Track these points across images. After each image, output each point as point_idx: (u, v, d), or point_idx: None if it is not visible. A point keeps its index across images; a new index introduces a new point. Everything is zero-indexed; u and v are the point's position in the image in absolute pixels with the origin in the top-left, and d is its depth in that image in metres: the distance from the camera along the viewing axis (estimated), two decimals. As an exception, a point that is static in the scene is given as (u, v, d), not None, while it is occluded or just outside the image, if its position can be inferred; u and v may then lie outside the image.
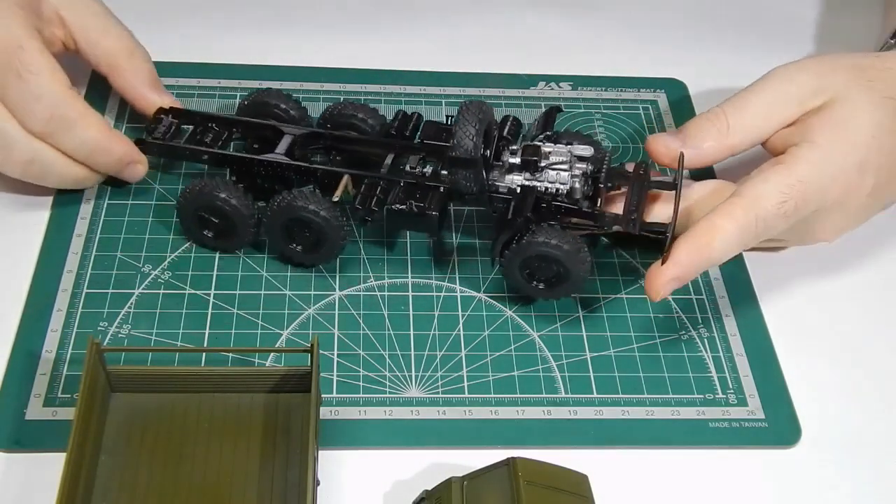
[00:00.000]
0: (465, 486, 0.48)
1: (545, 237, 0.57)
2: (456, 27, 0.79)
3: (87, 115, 0.60)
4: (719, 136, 0.61)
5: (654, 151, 0.62)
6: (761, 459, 0.55)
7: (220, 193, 0.59)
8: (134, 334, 0.57)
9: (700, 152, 0.61)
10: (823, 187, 0.58)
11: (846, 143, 0.58)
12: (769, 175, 0.57)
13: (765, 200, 0.57)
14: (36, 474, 0.51)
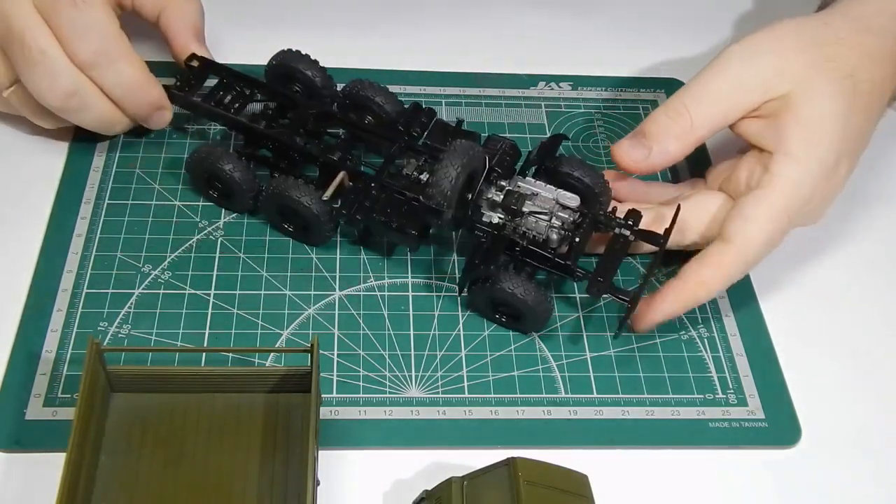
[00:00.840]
0: (465, 486, 0.48)
1: (510, 285, 0.57)
2: (456, 27, 0.79)
3: (130, 54, 0.62)
4: (684, 135, 0.60)
5: (621, 164, 0.61)
6: (761, 459, 0.55)
7: (223, 164, 0.61)
8: (134, 334, 0.57)
9: (667, 156, 0.60)
10: (807, 201, 0.58)
11: (822, 149, 0.58)
12: (753, 212, 0.57)
13: (754, 243, 0.57)
14: (36, 474, 0.51)
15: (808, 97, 0.58)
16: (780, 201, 0.57)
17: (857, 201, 0.69)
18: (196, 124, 0.69)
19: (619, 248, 0.58)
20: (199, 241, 0.62)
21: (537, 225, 0.58)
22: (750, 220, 0.57)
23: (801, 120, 0.58)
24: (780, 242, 0.59)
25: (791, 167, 0.57)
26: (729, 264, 0.57)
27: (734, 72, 0.60)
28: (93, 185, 0.65)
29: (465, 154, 0.56)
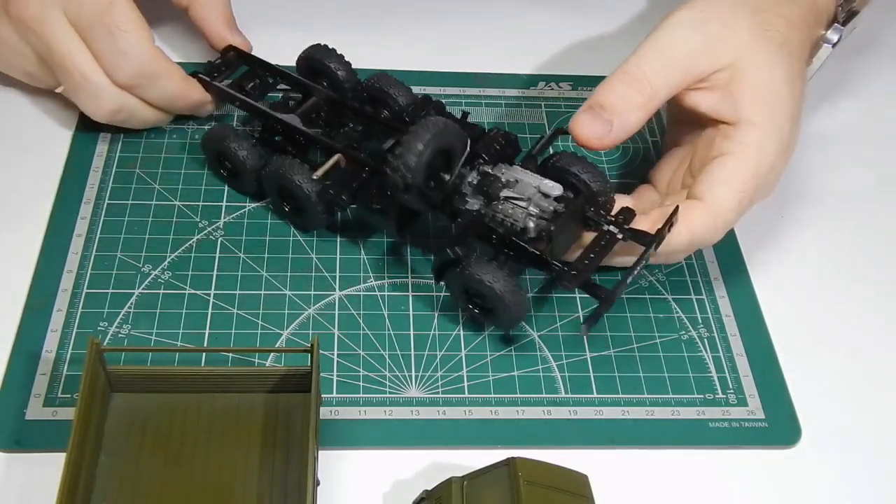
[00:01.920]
0: (465, 486, 0.48)
1: (479, 272, 0.55)
2: (456, 27, 0.79)
3: (169, 70, 0.64)
4: (645, 105, 0.57)
5: (582, 141, 0.57)
6: (761, 459, 0.55)
7: (229, 143, 0.63)
8: (134, 334, 0.57)
9: (628, 129, 0.57)
10: (770, 167, 0.58)
11: (779, 114, 0.58)
12: (724, 175, 0.57)
13: (724, 204, 0.56)
14: (36, 474, 0.51)
15: (755, 65, 0.58)
16: (749, 166, 0.57)
17: (857, 201, 0.69)
18: (196, 124, 0.69)
19: (604, 245, 0.56)
20: (199, 241, 0.62)
21: (514, 212, 0.56)
22: (721, 182, 0.56)
23: (754, 88, 0.57)
24: (746, 211, 0.58)
25: (754, 133, 0.57)
26: (697, 221, 0.56)
27: (685, 37, 0.58)
28: (93, 185, 0.65)
29: (436, 128, 0.55)
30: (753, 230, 0.66)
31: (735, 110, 0.58)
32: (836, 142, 0.73)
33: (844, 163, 0.72)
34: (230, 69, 0.68)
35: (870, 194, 0.70)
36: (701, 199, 0.57)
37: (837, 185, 0.70)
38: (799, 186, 0.70)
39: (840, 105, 0.76)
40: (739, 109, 0.57)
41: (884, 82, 0.78)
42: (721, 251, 0.65)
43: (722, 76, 0.58)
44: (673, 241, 0.56)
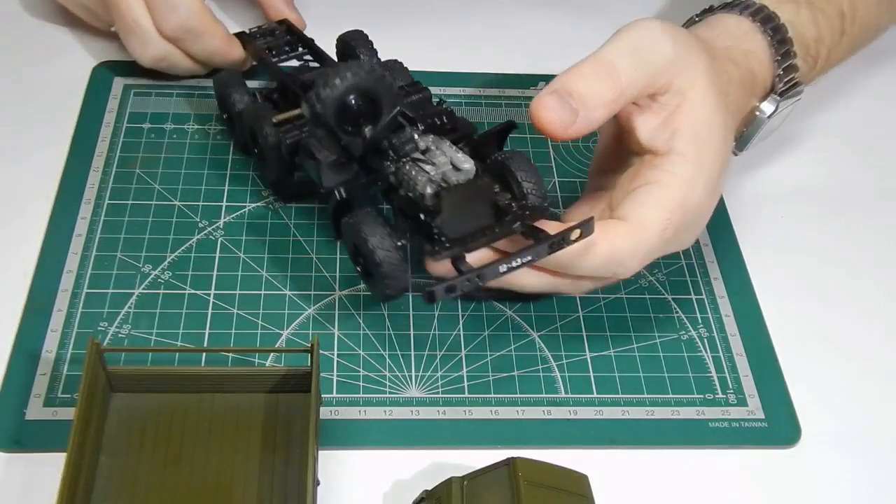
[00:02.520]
0: (466, 486, 0.48)
1: (365, 230, 0.53)
2: (456, 27, 0.79)
3: (213, 27, 0.67)
4: (613, 103, 0.53)
5: (544, 125, 0.53)
6: (761, 459, 0.55)
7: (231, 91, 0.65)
8: (134, 334, 0.57)
9: (590, 125, 0.53)
10: (698, 206, 0.55)
11: (711, 155, 0.55)
12: (649, 199, 0.54)
13: (648, 228, 0.54)
14: (36, 474, 0.51)
15: (702, 103, 0.55)
16: (677, 195, 0.54)
17: (857, 201, 0.69)
18: (196, 124, 0.69)
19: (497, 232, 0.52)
20: (199, 241, 0.62)
21: (416, 175, 0.53)
22: (647, 206, 0.54)
23: (695, 124, 0.55)
24: (666, 245, 0.55)
25: (685, 166, 0.54)
26: (618, 239, 0.53)
27: (661, 44, 0.55)
28: (93, 185, 0.65)
29: (360, 69, 0.54)
30: (753, 230, 0.66)
31: (670, 141, 0.55)
32: (835, 141, 0.73)
33: (844, 163, 0.72)
34: (275, 38, 0.71)
35: (870, 194, 0.70)
36: (626, 219, 0.54)
37: (837, 186, 0.70)
38: (799, 186, 0.70)
39: (840, 105, 0.76)
40: (674, 140, 0.55)
41: (884, 82, 0.78)
42: (721, 251, 0.65)
43: (671, 101, 0.55)
44: (587, 259, 0.53)
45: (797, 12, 0.63)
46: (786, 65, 0.62)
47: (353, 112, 0.55)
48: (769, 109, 0.63)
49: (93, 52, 0.74)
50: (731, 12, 0.63)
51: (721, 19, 0.63)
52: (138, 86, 0.72)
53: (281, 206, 0.65)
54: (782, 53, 0.62)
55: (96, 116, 0.69)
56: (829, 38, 0.65)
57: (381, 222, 0.54)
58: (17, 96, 0.70)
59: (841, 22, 0.65)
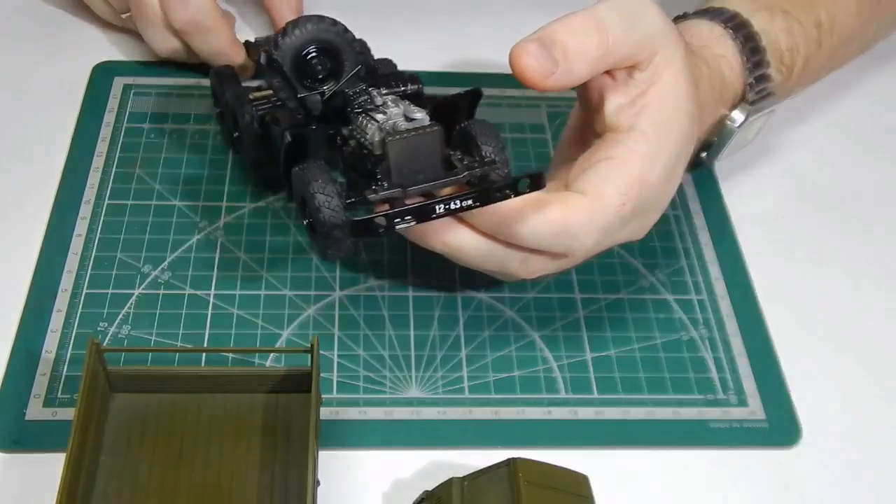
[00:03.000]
0: (466, 487, 0.48)
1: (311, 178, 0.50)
2: (456, 27, 0.79)
3: (219, 27, 0.67)
4: (598, 61, 0.52)
5: (521, 71, 0.50)
6: (761, 459, 0.55)
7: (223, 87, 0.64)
8: (134, 334, 0.57)
9: (569, 79, 0.51)
10: (654, 187, 0.54)
11: (673, 140, 0.54)
12: (609, 174, 0.52)
13: (606, 202, 0.52)
14: (36, 474, 0.51)
15: (673, 88, 0.54)
16: (635, 170, 0.52)
17: (856, 201, 0.69)
18: (196, 124, 0.69)
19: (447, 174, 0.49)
20: (198, 241, 0.62)
21: (366, 125, 0.51)
22: (605, 180, 0.52)
23: (662, 106, 0.54)
24: (623, 225, 0.53)
25: (646, 145, 0.53)
26: (574, 210, 0.51)
27: (653, 14, 0.53)
28: (93, 186, 0.65)
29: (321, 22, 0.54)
30: (753, 230, 0.66)
31: (634, 118, 0.53)
32: (835, 141, 0.73)
33: (844, 162, 0.72)
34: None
35: (870, 194, 0.70)
36: (584, 192, 0.52)
37: (837, 185, 0.70)
38: (798, 186, 0.70)
39: (840, 104, 0.76)
40: (639, 118, 0.53)
41: (884, 82, 0.78)
42: (721, 251, 0.65)
43: (646, 80, 0.54)
44: (539, 225, 0.51)
45: (771, 21, 0.63)
46: (758, 73, 0.61)
47: (313, 68, 0.55)
48: (739, 118, 0.62)
49: (93, 52, 0.74)
50: (704, 18, 0.62)
51: (694, 24, 0.62)
52: (138, 86, 0.72)
53: (281, 207, 0.65)
54: (754, 62, 0.61)
55: (96, 116, 0.69)
56: (805, 47, 0.64)
57: (331, 177, 0.51)
58: (17, 96, 0.70)
59: (818, 32, 0.64)
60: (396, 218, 0.47)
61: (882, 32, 0.71)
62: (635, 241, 0.57)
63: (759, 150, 0.68)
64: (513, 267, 0.54)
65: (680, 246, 0.65)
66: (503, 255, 0.53)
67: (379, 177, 0.50)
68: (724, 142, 0.63)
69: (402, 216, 0.47)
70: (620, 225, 0.53)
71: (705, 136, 0.63)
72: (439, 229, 0.51)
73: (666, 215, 0.66)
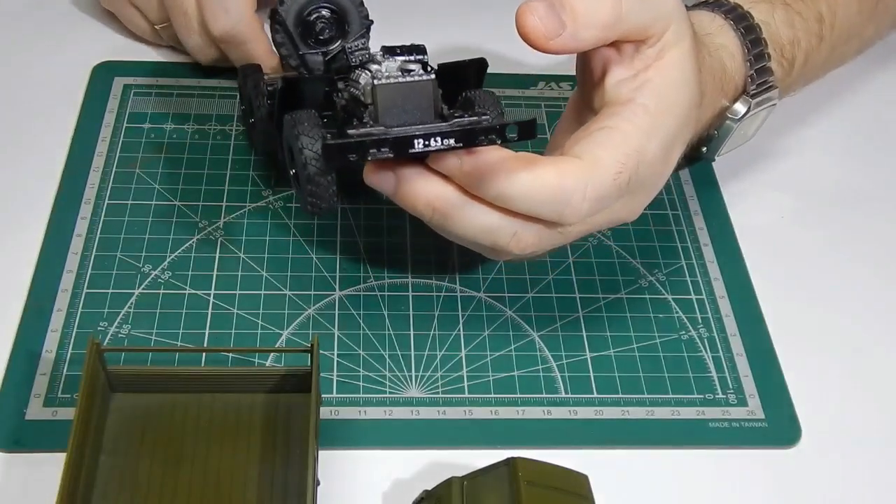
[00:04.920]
0: (465, 486, 0.48)
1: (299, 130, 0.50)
2: (456, 27, 0.79)
3: (258, 37, 0.66)
4: (607, 28, 0.50)
5: (527, 30, 0.49)
6: (761, 459, 0.55)
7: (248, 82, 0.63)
8: (134, 334, 0.57)
9: (576, 44, 0.50)
10: (651, 163, 0.52)
11: (672, 118, 0.53)
12: (606, 142, 0.50)
13: (602, 169, 0.50)
14: (36, 474, 0.51)
15: (678, 67, 0.53)
16: (633, 141, 0.51)
17: (856, 201, 0.69)
18: (196, 124, 0.69)
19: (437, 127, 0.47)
20: (199, 241, 0.62)
21: (360, 76, 0.51)
22: (603, 147, 0.50)
23: (665, 82, 0.53)
24: (618, 197, 0.52)
25: (646, 119, 0.51)
26: (569, 171, 0.49)
27: None
28: (93, 185, 0.65)
29: None
30: (753, 230, 0.66)
31: (635, 92, 0.52)
32: (836, 141, 0.73)
33: (844, 162, 0.72)
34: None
35: (870, 194, 0.70)
36: (580, 157, 0.50)
37: (837, 185, 0.70)
38: (798, 186, 0.70)
39: (840, 104, 0.76)
40: (640, 92, 0.52)
41: (884, 82, 0.78)
42: (721, 251, 0.65)
43: (651, 55, 0.53)
44: (532, 185, 0.49)
45: (772, 13, 0.62)
46: (759, 66, 0.61)
47: (318, 28, 0.55)
48: (741, 110, 0.61)
49: (93, 52, 0.74)
50: (704, 9, 0.62)
51: (695, 14, 0.61)
52: (138, 86, 0.72)
53: (281, 207, 0.65)
54: (755, 54, 0.61)
55: (96, 116, 0.69)
56: (806, 41, 0.64)
57: (317, 122, 0.50)
58: (17, 96, 0.70)
59: (819, 26, 0.64)
60: (373, 148, 0.45)
61: (879, 33, 0.70)
62: (628, 221, 0.55)
63: (760, 149, 0.68)
64: (503, 239, 0.51)
65: (679, 246, 0.65)
66: (492, 224, 0.51)
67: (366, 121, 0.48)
68: (725, 135, 0.63)
69: (378, 146, 0.45)
70: (616, 196, 0.51)
71: (705, 130, 0.63)
72: (423, 185, 0.49)
73: (666, 215, 0.66)
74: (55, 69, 0.72)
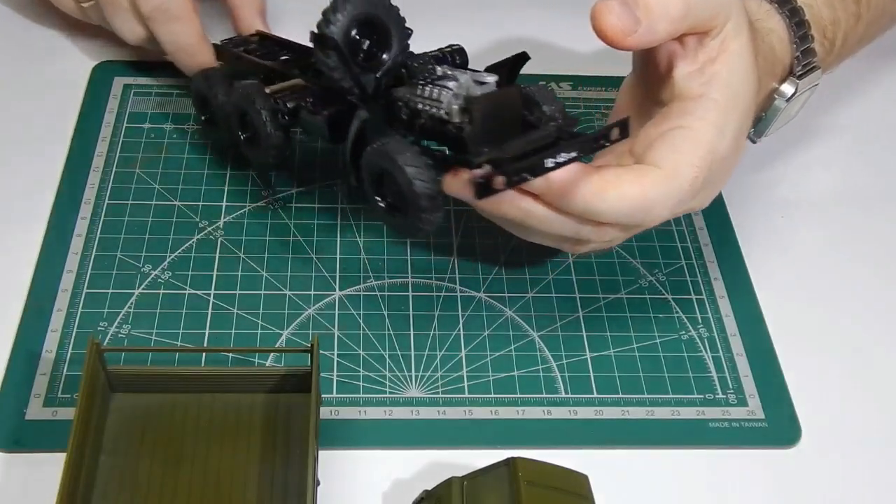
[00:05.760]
0: (465, 486, 0.48)
1: (395, 152, 0.50)
2: (456, 27, 0.79)
3: (190, 17, 0.65)
4: (678, 20, 0.52)
5: (603, 28, 0.51)
6: (761, 459, 0.55)
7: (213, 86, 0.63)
8: (134, 334, 0.57)
9: (651, 37, 0.52)
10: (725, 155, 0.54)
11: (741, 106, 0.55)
12: (680, 145, 0.53)
13: (680, 175, 0.52)
14: (36, 474, 0.51)
15: (740, 56, 0.55)
16: (707, 141, 0.53)
17: (857, 201, 0.69)
18: (196, 124, 0.69)
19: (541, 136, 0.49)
20: (199, 241, 0.62)
21: (439, 94, 0.51)
22: (679, 152, 0.53)
23: (730, 73, 0.54)
24: (692, 200, 0.54)
25: (717, 113, 0.54)
26: (650, 184, 0.52)
27: None
28: (93, 185, 0.65)
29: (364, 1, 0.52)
30: (753, 230, 0.66)
31: (703, 86, 0.54)
32: (836, 141, 0.73)
33: (844, 162, 0.72)
34: (253, 45, 0.68)
35: (870, 194, 0.70)
36: (657, 165, 0.53)
37: (837, 185, 0.70)
38: (799, 186, 0.70)
39: (840, 104, 0.76)
40: (709, 88, 0.54)
41: (884, 81, 0.78)
42: (721, 251, 0.65)
43: (715, 48, 0.54)
44: (621, 203, 0.51)
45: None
46: (804, 48, 0.62)
47: (362, 44, 0.53)
48: (789, 91, 0.62)
49: (93, 52, 0.74)
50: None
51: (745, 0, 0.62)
52: (138, 86, 0.72)
53: (281, 206, 0.65)
54: (800, 36, 0.62)
55: (96, 116, 0.69)
56: (845, 21, 0.65)
57: (416, 149, 0.50)
58: (17, 96, 0.70)
59: (857, 6, 0.65)
60: (515, 176, 0.47)
61: None
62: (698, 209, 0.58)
63: (760, 149, 0.68)
64: (585, 234, 0.54)
65: (679, 246, 0.65)
66: (575, 229, 0.53)
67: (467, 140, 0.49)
68: (773, 116, 0.64)
69: (518, 173, 0.47)
70: (692, 196, 0.54)
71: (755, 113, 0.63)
72: (511, 200, 0.51)
73: (666, 215, 0.66)
74: (55, 69, 0.72)
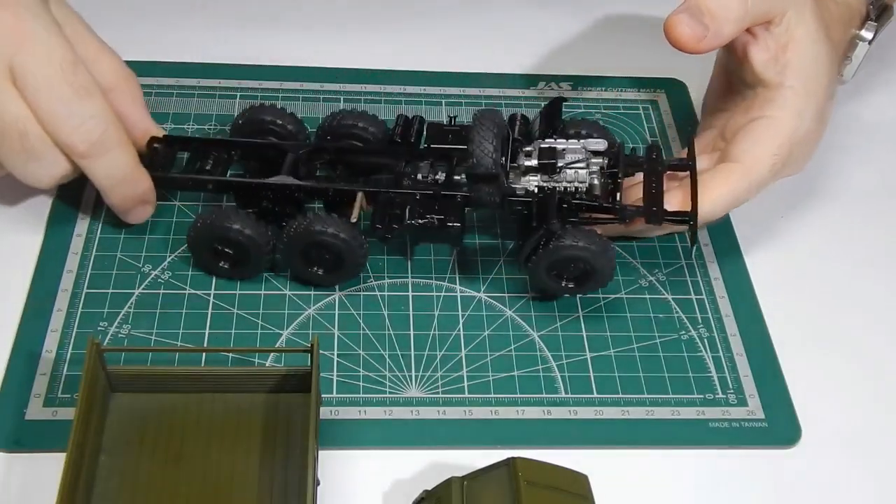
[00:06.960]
0: (465, 486, 0.48)
1: (572, 240, 0.56)
2: (456, 27, 0.79)
3: (127, 143, 0.58)
4: (740, 20, 0.59)
5: (676, 39, 0.59)
6: (761, 459, 0.55)
7: (233, 224, 0.57)
8: (134, 334, 0.57)
9: (719, 40, 0.59)
10: (804, 136, 0.61)
11: (818, 85, 0.61)
12: (762, 135, 0.60)
13: (761, 164, 0.60)
14: (36, 474, 0.51)
15: (808, 36, 0.61)
16: (786, 127, 0.60)
17: (857, 201, 0.69)
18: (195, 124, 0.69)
19: (656, 179, 0.59)
20: (199, 241, 0.62)
21: (577, 175, 0.58)
22: (758, 144, 0.60)
23: (801, 56, 0.60)
24: (778, 176, 0.61)
25: (795, 99, 0.60)
26: (735, 182, 0.59)
27: None
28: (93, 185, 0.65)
29: (493, 119, 0.57)
30: (753, 230, 0.66)
31: (780, 74, 0.60)
32: (836, 141, 0.73)
33: (845, 163, 0.72)
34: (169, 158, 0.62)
35: (870, 194, 0.70)
36: (738, 161, 0.60)
37: (837, 186, 0.70)
38: (799, 187, 0.69)
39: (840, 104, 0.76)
40: (785, 74, 0.60)
41: (885, 81, 0.78)
42: (721, 251, 0.65)
43: (782, 35, 0.60)
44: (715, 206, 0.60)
45: None
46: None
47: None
48: (869, 35, 0.71)
49: (93, 52, 0.73)
50: None
51: None
52: (138, 86, 0.72)
53: (281, 206, 0.65)
54: None
55: (96, 116, 0.69)
56: None
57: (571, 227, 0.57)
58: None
59: None
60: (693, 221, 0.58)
61: None
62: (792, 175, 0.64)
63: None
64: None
65: (679, 246, 0.65)
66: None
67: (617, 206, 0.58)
68: (859, 58, 0.72)
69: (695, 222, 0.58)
70: (773, 178, 0.61)
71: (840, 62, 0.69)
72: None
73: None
74: (55, 69, 0.72)
